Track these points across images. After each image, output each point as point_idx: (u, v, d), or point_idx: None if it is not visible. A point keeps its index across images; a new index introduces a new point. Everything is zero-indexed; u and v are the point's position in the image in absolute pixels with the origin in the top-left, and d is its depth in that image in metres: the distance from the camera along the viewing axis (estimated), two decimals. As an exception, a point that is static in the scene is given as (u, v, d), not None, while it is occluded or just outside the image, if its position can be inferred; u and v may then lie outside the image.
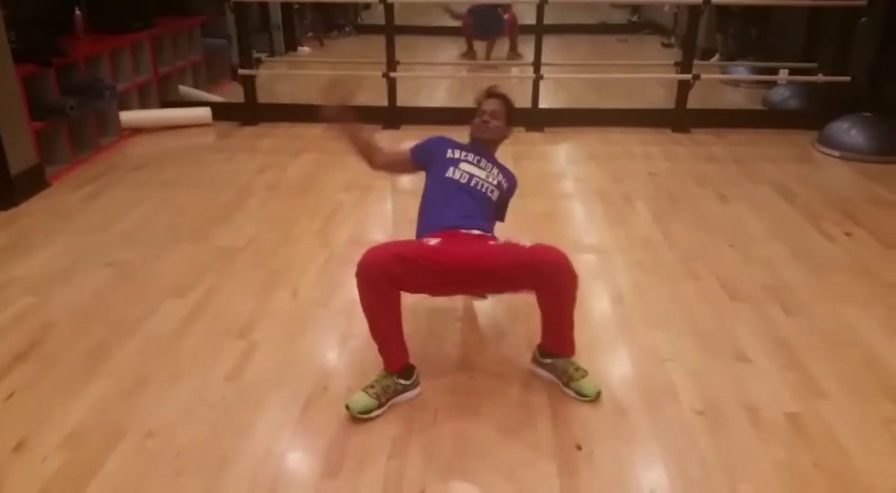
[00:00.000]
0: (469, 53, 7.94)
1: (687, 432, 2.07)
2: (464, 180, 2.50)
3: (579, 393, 2.21)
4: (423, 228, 2.46)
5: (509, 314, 2.72)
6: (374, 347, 2.25)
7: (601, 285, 2.95)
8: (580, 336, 2.52)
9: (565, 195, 4.05)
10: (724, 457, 1.97)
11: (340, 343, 2.53)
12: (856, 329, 2.62)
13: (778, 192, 4.00)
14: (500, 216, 2.73)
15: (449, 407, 2.18)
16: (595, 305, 2.82)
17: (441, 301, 2.74)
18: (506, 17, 7.85)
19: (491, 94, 2.71)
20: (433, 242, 2.28)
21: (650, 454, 1.99)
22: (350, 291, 2.85)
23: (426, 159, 2.66)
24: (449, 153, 2.60)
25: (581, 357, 2.37)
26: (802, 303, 2.80)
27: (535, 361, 2.35)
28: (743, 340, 2.54)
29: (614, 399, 2.22)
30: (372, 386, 2.17)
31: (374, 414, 2.13)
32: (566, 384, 2.24)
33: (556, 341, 2.28)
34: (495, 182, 2.58)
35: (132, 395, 2.23)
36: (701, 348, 2.49)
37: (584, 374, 2.24)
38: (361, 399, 2.14)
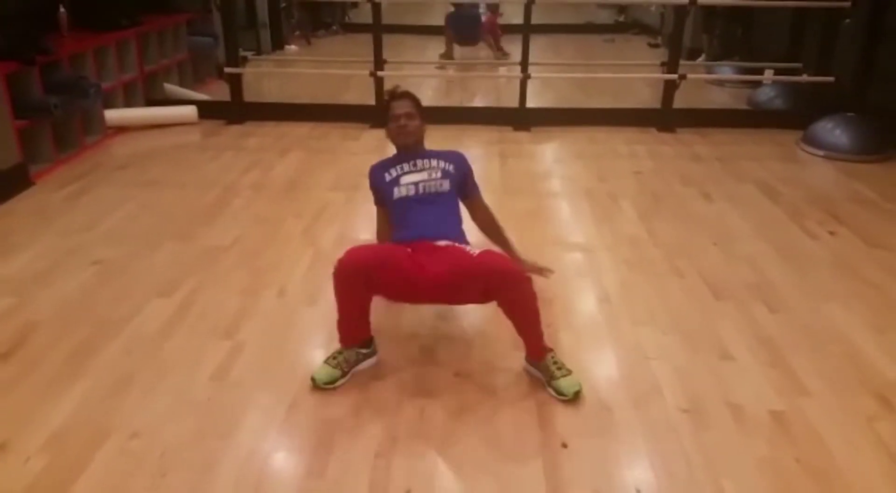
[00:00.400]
0: (447, 53, 7.91)
1: (672, 429, 2.08)
2: (411, 192, 2.55)
3: (557, 392, 2.22)
4: (396, 238, 2.54)
5: (495, 314, 2.72)
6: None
7: (587, 284, 2.96)
8: (566, 334, 2.55)
9: (552, 194, 4.06)
10: (709, 454, 1.98)
11: (326, 343, 2.52)
12: (839, 327, 2.64)
13: (762, 191, 4.03)
14: (470, 193, 2.77)
15: (435, 406, 2.18)
16: (581, 303, 2.84)
17: (423, 308, 2.75)
18: (483, 19, 7.86)
19: (395, 95, 2.70)
20: (407, 249, 2.37)
21: (635, 452, 2.00)
22: (336, 290, 2.87)
23: (380, 197, 2.71)
24: (386, 177, 2.64)
25: (567, 355, 2.38)
26: (786, 301, 2.82)
27: (526, 360, 2.37)
28: (727, 338, 2.55)
29: (600, 397, 2.23)
30: (334, 357, 2.29)
31: (338, 384, 2.25)
32: (548, 383, 2.26)
33: (529, 348, 2.32)
34: (440, 174, 2.60)
35: (117, 395, 2.22)
36: (685, 346, 2.50)
37: (567, 373, 2.25)
38: (325, 371, 2.25)
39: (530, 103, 5.38)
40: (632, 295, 2.87)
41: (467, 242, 2.51)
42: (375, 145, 4.91)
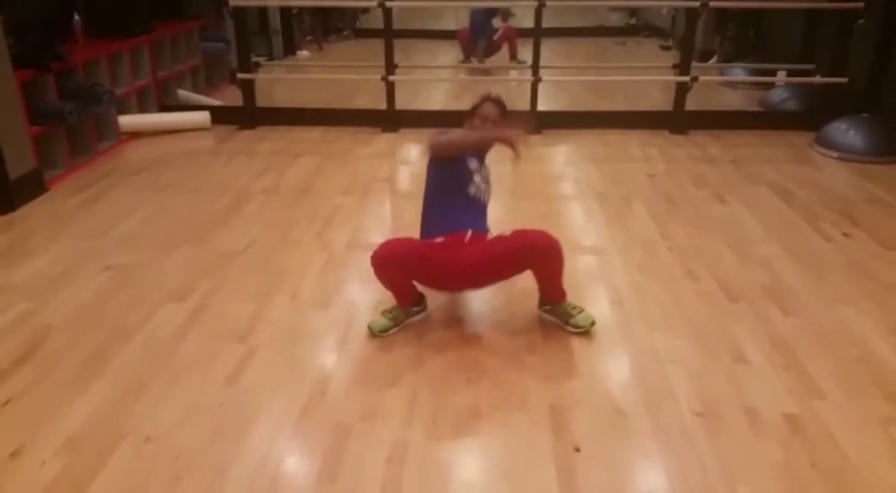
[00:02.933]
0: (466, 61, 7.90)
1: (686, 433, 2.07)
2: (472, 192, 2.66)
3: (576, 327, 2.57)
4: (430, 227, 2.66)
5: (504, 320, 2.72)
6: (373, 347, 2.40)
7: (600, 287, 2.95)
8: (579, 338, 2.57)
9: (564, 197, 4.05)
10: (723, 458, 1.97)
11: (339, 347, 2.53)
12: (854, 330, 2.62)
13: (776, 193, 4.00)
14: None
15: (447, 411, 2.18)
16: (594, 306, 2.81)
17: (435, 310, 2.75)
18: (499, 28, 7.83)
19: (489, 99, 2.76)
20: (438, 240, 2.57)
21: (649, 456, 1.99)
22: (349, 294, 2.88)
23: (449, 165, 2.65)
24: (468, 163, 2.67)
25: (580, 358, 2.41)
26: (800, 304, 2.80)
27: (539, 308, 2.68)
28: (741, 341, 2.54)
29: (613, 401, 2.22)
30: (390, 311, 2.61)
31: (391, 332, 2.58)
32: (566, 323, 2.59)
33: (552, 293, 2.63)
34: (489, 188, 2.77)
35: (131, 400, 2.23)
36: (700, 350, 2.49)
37: (581, 310, 2.60)
38: (381, 322, 2.58)
39: (542, 106, 5.37)
40: (645, 298, 2.86)
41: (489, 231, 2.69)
42: (387, 149, 4.93)
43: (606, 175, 4.33)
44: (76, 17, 4.97)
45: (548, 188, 4.17)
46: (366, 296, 2.82)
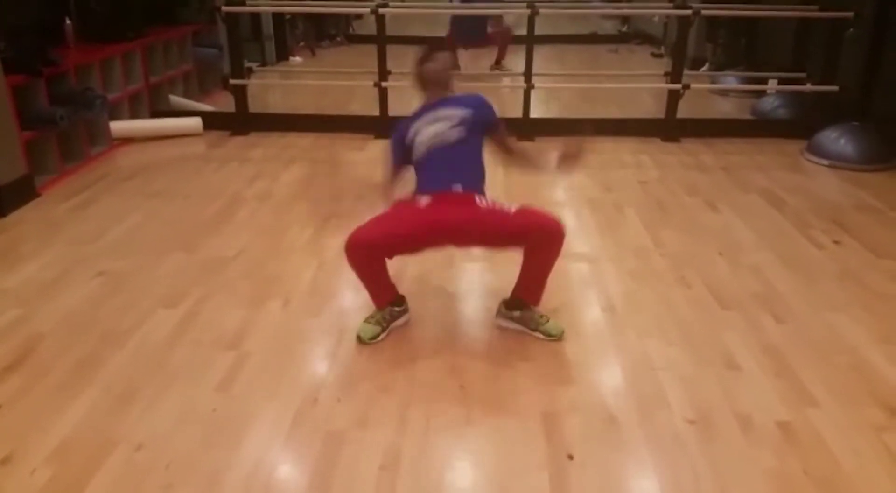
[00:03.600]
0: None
1: (678, 441, 2.07)
2: (429, 145, 2.59)
3: (547, 334, 2.55)
4: (416, 190, 2.65)
5: (496, 326, 2.72)
6: (365, 355, 2.40)
7: (593, 294, 2.96)
8: (572, 345, 2.56)
9: (556, 204, 4.05)
10: (716, 466, 1.97)
11: (331, 354, 2.52)
12: (845, 337, 2.63)
13: (767, 200, 4.02)
14: (500, 142, 2.83)
15: (440, 417, 2.18)
16: (587, 313, 2.83)
17: (426, 316, 2.75)
18: (490, 28, 7.82)
19: (422, 58, 2.76)
20: (424, 200, 2.53)
21: (642, 464, 1.99)
22: (341, 301, 2.88)
23: (405, 154, 2.70)
24: (411, 132, 2.67)
25: (572, 366, 2.41)
26: (792, 311, 2.81)
27: (500, 315, 2.65)
28: (733, 348, 2.54)
29: (606, 408, 2.22)
30: (372, 316, 2.59)
31: (380, 338, 2.56)
32: (534, 330, 2.57)
33: (530, 292, 2.57)
34: (457, 121, 2.60)
35: (122, 406, 2.22)
36: (692, 357, 2.49)
37: (548, 319, 2.58)
38: (368, 328, 2.56)
39: (534, 113, 5.38)
40: (637, 305, 2.86)
41: (483, 193, 2.59)
42: (380, 156, 4.90)
43: (598, 182, 4.34)
44: (68, 22, 4.96)
45: (539, 195, 4.17)
46: (358, 303, 2.81)
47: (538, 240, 2.43)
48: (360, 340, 2.55)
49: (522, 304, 2.60)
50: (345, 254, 2.44)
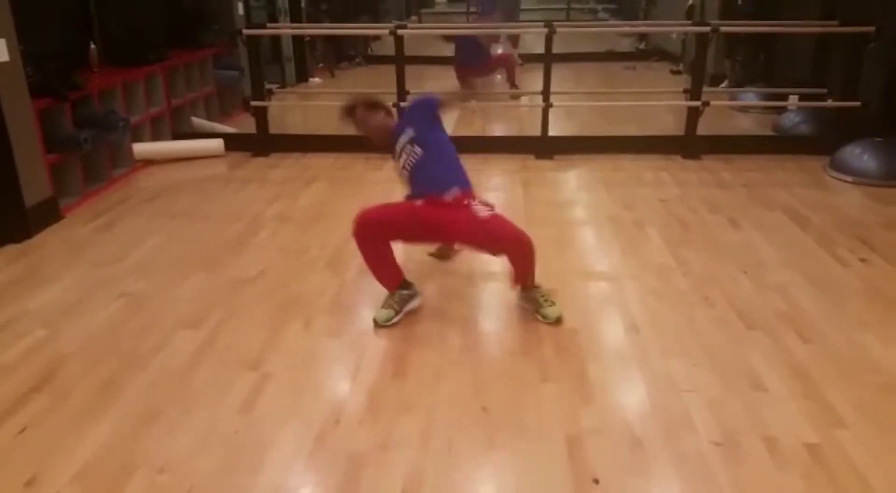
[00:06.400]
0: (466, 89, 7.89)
1: (705, 464, 2.04)
2: (406, 167, 2.95)
3: (544, 317, 2.79)
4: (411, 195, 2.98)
5: (516, 346, 2.70)
6: (386, 375, 2.41)
7: (615, 314, 2.93)
8: (594, 366, 2.55)
9: (576, 222, 4.04)
10: (743, 489, 1.93)
11: (352, 375, 2.51)
12: (874, 356, 2.58)
13: (791, 218, 3.98)
14: (432, 109, 3.01)
15: (462, 439, 2.16)
16: (609, 333, 2.80)
17: (450, 341, 2.74)
18: (491, 52, 7.84)
19: (343, 116, 3.21)
20: (419, 202, 2.86)
21: (668, 487, 1.96)
22: (361, 321, 2.88)
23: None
24: (398, 144, 3.01)
25: (595, 387, 2.40)
26: (818, 330, 2.76)
27: (518, 298, 2.90)
28: (759, 368, 2.51)
29: (631, 431, 2.19)
30: (386, 301, 2.83)
31: (394, 321, 2.79)
32: (536, 311, 2.82)
33: (521, 278, 2.85)
34: (408, 141, 2.94)
35: (144, 429, 2.22)
36: (717, 378, 2.46)
37: (552, 304, 2.81)
38: (382, 312, 2.80)
39: (552, 132, 5.38)
40: (661, 325, 2.83)
41: (469, 183, 2.91)
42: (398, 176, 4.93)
43: (618, 200, 4.32)
44: (92, 47, 5.04)
45: (560, 214, 4.16)
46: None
47: (507, 250, 2.76)
48: (376, 324, 2.78)
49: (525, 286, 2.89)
50: (353, 234, 2.80)
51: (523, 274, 2.83)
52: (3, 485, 1.99)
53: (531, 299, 2.85)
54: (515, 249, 2.75)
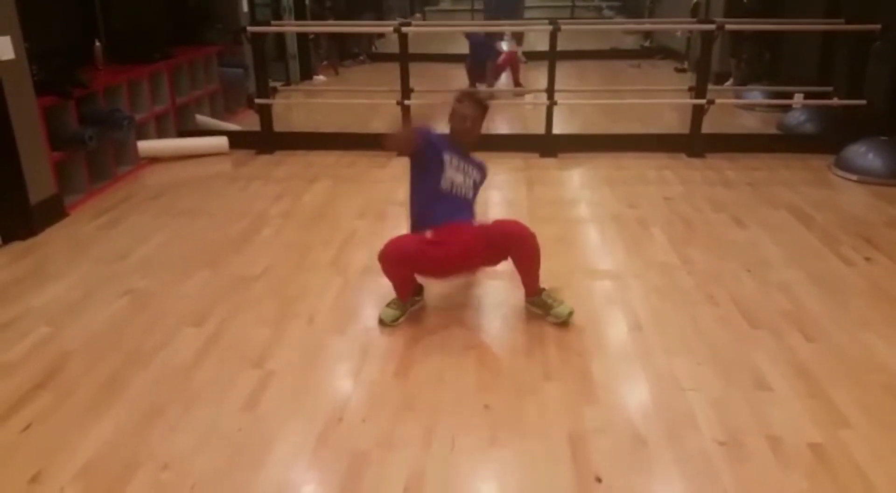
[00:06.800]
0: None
1: (709, 463, 2.03)
2: (447, 187, 2.85)
3: (556, 317, 2.78)
4: (416, 222, 2.92)
5: (520, 343, 2.70)
6: (389, 373, 2.42)
7: (618, 312, 2.93)
8: (598, 364, 2.54)
9: (580, 220, 4.04)
10: (747, 489, 1.93)
11: (355, 373, 2.52)
12: (878, 356, 2.58)
13: (795, 216, 3.97)
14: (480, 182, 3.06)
15: (465, 438, 2.16)
16: (613, 332, 2.80)
17: (454, 340, 2.75)
18: (502, 53, 7.84)
19: (465, 98, 2.97)
20: (428, 234, 2.79)
21: (671, 486, 1.96)
22: (365, 319, 2.88)
23: (426, 152, 2.85)
24: (445, 155, 2.85)
25: (599, 385, 2.40)
26: (823, 329, 2.76)
27: (526, 303, 2.90)
28: (763, 367, 2.50)
29: (634, 430, 2.18)
30: (394, 302, 2.85)
31: (399, 321, 2.82)
32: (547, 313, 2.81)
33: (529, 287, 2.85)
34: (472, 182, 2.95)
35: (148, 426, 2.23)
36: (721, 377, 2.45)
37: (560, 302, 2.81)
38: (389, 312, 2.82)
39: (557, 129, 5.38)
40: (664, 324, 2.83)
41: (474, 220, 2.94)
42: (402, 173, 4.91)
43: (622, 198, 4.31)
44: (97, 44, 5.05)
45: (564, 212, 4.16)
46: (382, 321, 2.82)
47: (510, 244, 2.75)
48: (381, 323, 2.80)
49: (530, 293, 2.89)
50: (381, 267, 2.74)
51: (533, 275, 2.81)
52: (8, 481, 2.00)
53: (540, 303, 2.84)
54: (519, 243, 2.74)
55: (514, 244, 2.75)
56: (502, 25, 7.71)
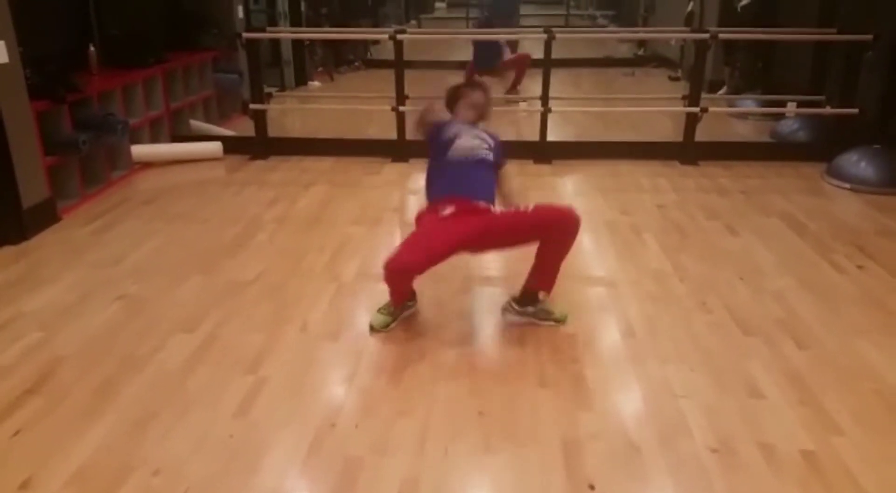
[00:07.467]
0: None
1: (701, 470, 2.04)
2: (464, 154, 2.86)
3: (557, 321, 2.81)
4: (435, 193, 2.89)
5: (514, 350, 2.70)
6: (383, 379, 2.41)
7: (611, 319, 2.93)
8: (591, 371, 2.54)
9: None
10: (740, 496, 1.93)
11: (349, 379, 2.51)
12: (870, 363, 2.59)
13: (788, 224, 3.99)
14: (501, 164, 3.07)
15: (459, 444, 2.16)
16: (606, 339, 2.80)
17: (447, 344, 2.74)
18: (507, 52, 7.83)
19: (476, 86, 3.17)
20: (447, 211, 2.73)
21: (664, 493, 1.96)
22: (358, 325, 2.88)
23: (436, 136, 2.96)
24: (453, 129, 2.94)
25: (592, 392, 2.39)
26: (815, 337, 2.77)
27: (509, 311, 2.85)
28: (756, 375, 2.51)
29: (627, 437, 2.19)
30: (385, 308, 2.82)
31: (390, 327, 2.80)
32: (546, 319, 2.81)
33: (545, 279, 2.80)
34: (488, 147, 2.94)
35: (140, 431, 2.22)
36: (714, 384, 2.46)
37: (552, 307, 2.83)
38: (380, 319, 2.80)
39: (551, 137, 5.39)
40: (657, 331, 2.83)
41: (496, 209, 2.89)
42: (397, 179, 4.94)
43: (616, 206, 4.33)
44: (91, 49, 5.04)
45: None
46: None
47: (557, 230, 2.70)
48: (372, 329, 2.79)
49: (534, 298, 2.81)
50: (384, 273, 2.65)
51: (553, 270, 2.78)
52: (-2, 487, 1.99)
53: (540, 312, 2.83)
54: (567, 227, 2.70)
55: (562, 231, 2.71)
56: (497, 33, 7.71)
